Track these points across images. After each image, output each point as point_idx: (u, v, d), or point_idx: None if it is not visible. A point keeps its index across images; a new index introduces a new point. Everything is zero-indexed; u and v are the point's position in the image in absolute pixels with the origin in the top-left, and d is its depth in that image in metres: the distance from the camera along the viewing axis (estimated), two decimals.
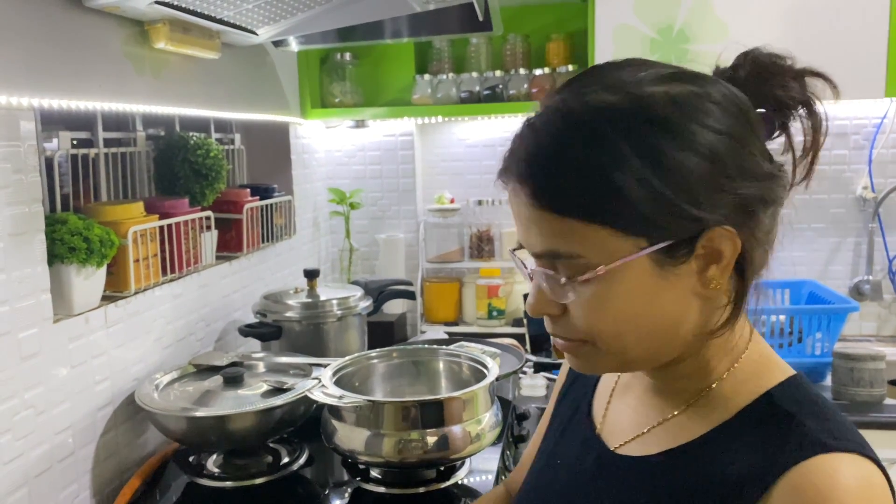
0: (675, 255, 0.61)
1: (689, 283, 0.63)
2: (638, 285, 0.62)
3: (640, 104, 0.61)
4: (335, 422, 1.20)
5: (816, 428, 0.60)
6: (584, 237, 0.61)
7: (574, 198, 0.61)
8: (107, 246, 1.22)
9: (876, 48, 1.88)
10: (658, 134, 0.60)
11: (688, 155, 0.60)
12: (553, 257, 0.63)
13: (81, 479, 1.22)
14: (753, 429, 0.63)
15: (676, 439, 0.67)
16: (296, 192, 2.14)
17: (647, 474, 0.68)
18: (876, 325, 2.29)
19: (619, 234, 0.61)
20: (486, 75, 2.20)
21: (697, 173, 0.60)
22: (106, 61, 1.24)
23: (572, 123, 0.62)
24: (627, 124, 0.60)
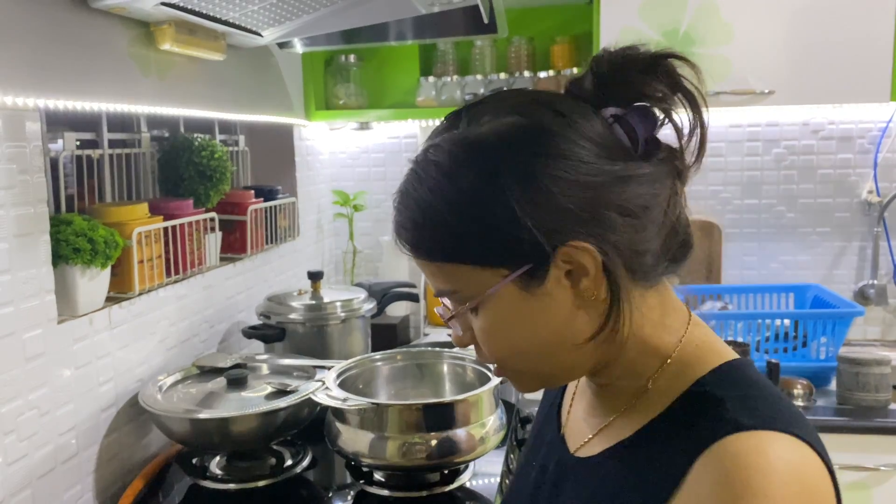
0: (537, 277, 0.64)
1: (568, 298, 0.65)
2: (514, 309, 0.66)
3: (465, 148, 0.65)
4: (339, 424, 1.19)
5: (737, 408, 0.60)
6: (455, 275, 0.66)
7: (433, 245, 0.66)
8: (111, 247, 1.22)
9: (881, 52, 1.88)
10: (480, 173, 0.63)
11: (510, 187, 0.62)
12: (441, 295, 0.69)
13: (85, 480, 1.22)
14: (681, 418, 0.63)
15: (617, 438, 0.68)
16: (300, 194, 2.14)
17: (593, 474, 0.69)
18: (881, 329, 2.28)
19: (479, 268, 0.65)
20: (490, 78, 2.20)
21: (524, 202, 0.62)
22: (111, 62, 1.25)
23: (418, 178, 0.66)
24: (455, 170, 0.64)
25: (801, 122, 2.25)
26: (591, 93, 0.67)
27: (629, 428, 0.67)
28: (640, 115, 0.66)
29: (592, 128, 0.64)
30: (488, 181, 0.63)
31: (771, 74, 1.91)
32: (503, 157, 0.63)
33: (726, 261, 2.32)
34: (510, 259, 0.64)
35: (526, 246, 0.63)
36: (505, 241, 0.63)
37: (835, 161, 2.26)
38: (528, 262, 0.63)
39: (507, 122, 0.64)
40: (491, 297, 0.65)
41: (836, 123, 2.24)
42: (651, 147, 0.66)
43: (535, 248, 0.63)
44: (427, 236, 0.66)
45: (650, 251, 0.66)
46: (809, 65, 1.92)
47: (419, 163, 0.67)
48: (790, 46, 1.92)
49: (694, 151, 0.67)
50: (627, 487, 0.64)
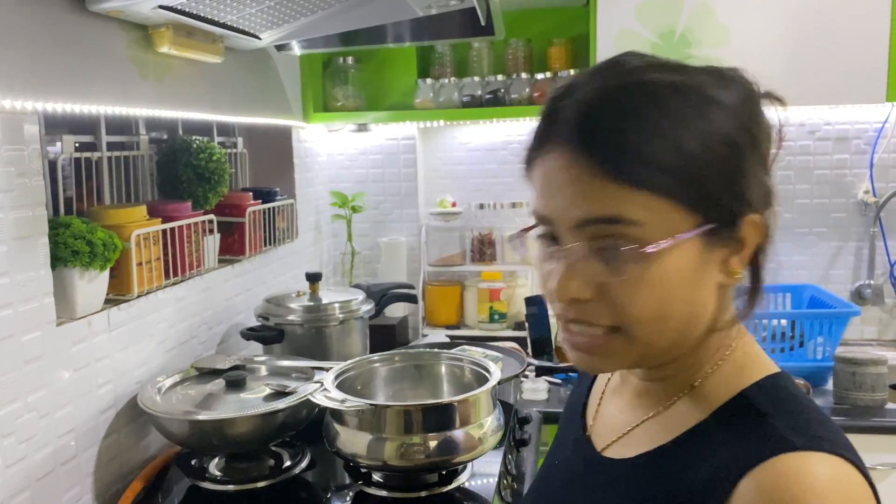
0: (719, 238, 0.61)
1: (715, 272, 0.62)
2: (685, 267, 0.60)
3: (693, 82, 0.61)
4: (337, 425, 1.20)
5: (785, 426, 0.59)
6: (646, 207, 0.59)
7: (641, 164, 0.58)
8: (110, 249, 1.22)
9: (877, 53, 1.89)
10: (719, 111, 0.60)
11: (746, 139, 0.61)
12: (610, 223, 0.59)
13: (84, 482, 1.22)
14: (725, 429, 0.62)
15: (653, 441, 0.67)
16: (298, 196, 2.14)
17: (626, 477, 0.67)
18: (877, 329, 2.29)
19: (681, 208, 0.59)
20: (488, 79, 2.21)
21: (751, 157, 0.61)
22: (110, 65, 1.25)
23: (636, 92, 0.60)
24: (691, 97, 0.60)
25: (798, 122, 2.26)
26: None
27: (669, 431, 0.66)
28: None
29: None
30: (726, 120, 0.60)
31: (767, 76, 1.91)
32: (748, 112, 0.62)
33: None
34: (710, 209, 0.60)
35: (734, 200, 0.60)
36: (723, 187, 0.60)
37: (831, 161, 2.26)
38: (721, 220, 0.60)
39: (741, 86, 0.63)
40: (675, 246, 0.59)
41: (833, 124, 2.25)
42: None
43: (731, 207, 0.60)
44: (640, 154, 0.58)
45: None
46: (805, 66, 1.92)
47: (635, 75, 0.61)
48: (786, 48, 1.93)
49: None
50: (668, 496, 0.62)
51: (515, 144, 2.44)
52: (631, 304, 0.60)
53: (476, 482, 1.28)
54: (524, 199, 2.41)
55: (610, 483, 0.69)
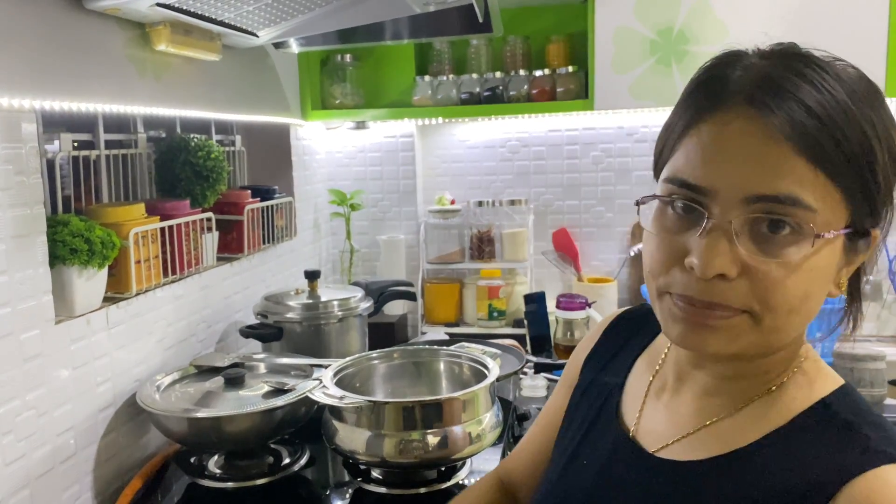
0: (854, 245, 0.62)
1: (834, 279, 0.62)
2: (828, 265, 0.60)
3: (862, 78, 0.62)
4: (336, 422, 1.20)
5: (877, 438, 0.59)
6: (825, 196, 0.58)
7: (832, 148, 0.57)
8: (108, 247, 1.22)
9: (875, 49, 1.89)
10: (885, 114, 0.61)
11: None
12: (787, 203, 0.57)
13: (83, 479, 1.22)
14: (811, 436, 0.62)
15: (726, 444, 0.65)
16: (297, 194, 2.14)
17: (693, 480, 0.65)
18: (876, 325, 2.29)
19: (847, 204, 0.59)
20: (486, 76, 2.21)
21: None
22: (107, 63, 1.25)
23: (845, 85, 0.59)
24: (874, 94, 0.61)
25: None
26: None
27: (742, 435, 0.65)
28: None
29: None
30: (889, 134, 0.60)
31: None
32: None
33: None
34: (862, 214, 0.60)
35: (877, 210, 0.61)
36: (878, 196, 0.60)
37: None
38: (864, 224, 0.61)
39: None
40: (832, 240, 0.59)
41: None
42: None
43: (873, 217, 0.61)
44: (838, 141, 0.57)
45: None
46: None
47: (841, 76, 0.60)
48: None
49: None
50: (753, 498, 0.61)
51: (514, 142, 2.44)
52: (777, 290, 0.59)
53: (475, 479, 1.28)
54: (523, 197, 2.41)
55: (671, 486, 0.67)
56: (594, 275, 2.42)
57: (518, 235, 2.38)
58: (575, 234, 2.42)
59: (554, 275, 2.46)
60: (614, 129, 2.36)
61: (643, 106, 1.99)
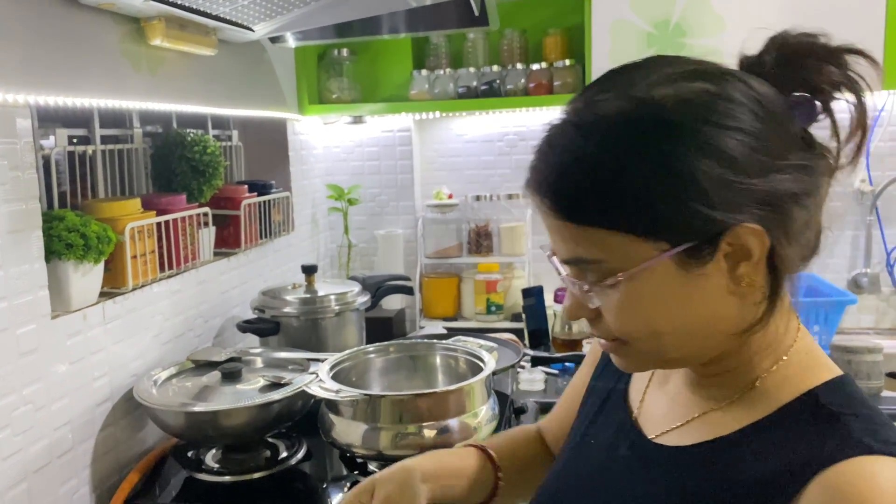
0: (698, 256, 0.61)
1: (722, 282, 0.62)
2: (664, 287, 0.62)
3: (648, 109, 0.60)
4: (332, 416, 1.20)
5: (859, 429, 0.59)
6: (605, 244, 0.62)
7: (591, 207, 0.61)
8: (104, 242, 1.23)
9: (873, 40, 1.88)
10: (668, 138, 0.59)
11: (700, 158, 0.59)
12: (578, 263, 0.65)
13: (80, 474, 1.23)
14: (795, 426, 0.62)
15: (715, 432, 0.67)
16: (294, 189, 2.14)
17: (685, 464, 0.67)
18: (874, 317, 2.29)
19: (639, 239, 0.61)
20: (483, 70, 2.20)
21: (712, 175, 0.59)
22: (102, 58, 1.25)
23: (584, 134, 0.62)
24: (637, 131, 0.60)
25: None
26: (769, 73, 0.64)
27: (731, 423, 0.66)
28: (805, 105, 0.64)
29: (776, 108, 0.62)
30: (675, 146, 0.59)
31: None
32: (693, 123, 0.59)
33: None
34: (676, 233, 0.60)
35: (697, 221, 0.59)
36: (678, 212, 0.59)
37: None
38: (694, 238, 0.60)
39: (696, 87, 0.61)
40: (642, 272, 0.61)
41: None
42: (809, 139, 0.65)
43: (707, 225, 0.59)
44: (584, 197, 0.61)
45: (803, 243, 0.64)
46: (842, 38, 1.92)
47: (582, 116, 0.62)
48: None
49: (850, 154, 0.65)
50: (731, 484, 0.62)
51: (511, 136, 2.44)
52: (618, 325, 0.65)
53: None
54: (520, 191, 2.40)
55: (665, 470, 0.69)
56: None
57: (516, 230, 2.38)
58: None
59: (552, 269, 2.44)
60: None
61: None
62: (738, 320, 0.64)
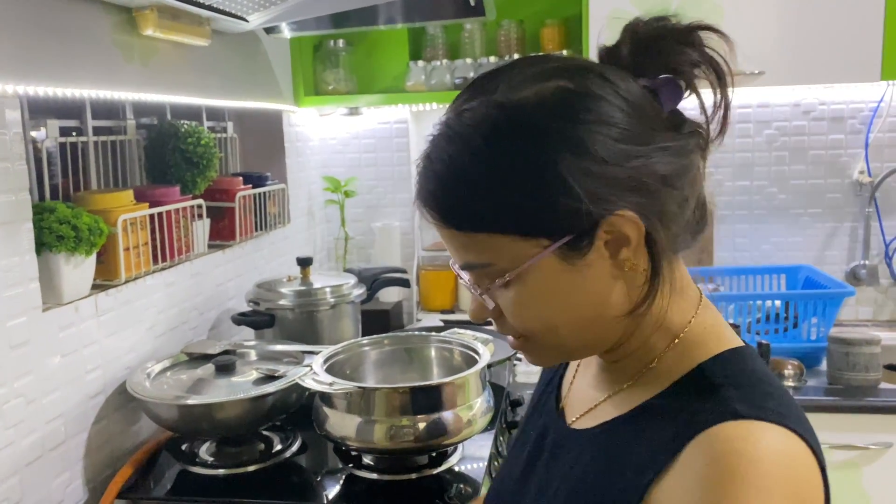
0: (578, 248, 0.62)
1: (606, 269, 0.64)
2: (552, 281, 0.64)
3: (508, 113, 0.62)
4: (326, 409, 1.20)
5: (734, 397, 0.60)
6: (489, 247, 0.64)
7: (469, 214, 0.63)
8: (95, 234, 1.22)
9: (871, 31, 1.87)
10: (528, 140, 0.61)
11: (560, 154, 0.60)
12: (471, 269, 0.66)
13: (74, 467, 1.22)
14: (680, 399, 0.64)
15: (616, 412, 0.69)
16: (290, 181, 2.13)
17: (587, 446, 0.70)
18: (872, 309, 2.29)
19: (520, 238, 0.63)
20: (480, 61, 2.19)
21: (575, 170, 0.60)
22: (93, 49, 1.24)
23: (455, 144, 0.63)
24: (500, 136, 0.62)
25: (792, 102, 2.25)
26: (627, 61, 0.66)
27: (629, 403, 0.68)
28: (668, 86, 0.66)
29: (635, 96, 0.64)
30: (535, 147, 0.61)
31: (761, 55, 1.90)
32: (551, 122, 0.61)
33: (718, 243, 2.32)
34: (553, 229, 0.62)
35: (571, 215, 0.61)
36: (550, 209, 0.61)
37: (826, 142, 2.25)
38: (571, 232, 0.62)
39: (553, 86, 0.62)
40: (529, 270, 0.63)
41: (827, 104, 2.23)
42: (678, 119, 0.66)
43: (580, 218, 0.61)
44: (462, 205, 0.63)
45: (681, 223, 0.66)
46: (799, 45, 1.91)
47: (452, 126, 0.64)
48: (780, 27, 1.91)
49: (717, 127, 0.67)
50: (619, 461, 0.64)
51: None
52: (517, 322, 0.67)
53: (466, 465, 1.28)
54: None
55: (575, 452, 0.72)
56: None
57: None
58: None
59: None
60: None
61: None
62: (626, 304, 0.66)
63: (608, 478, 0.64)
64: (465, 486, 1.23)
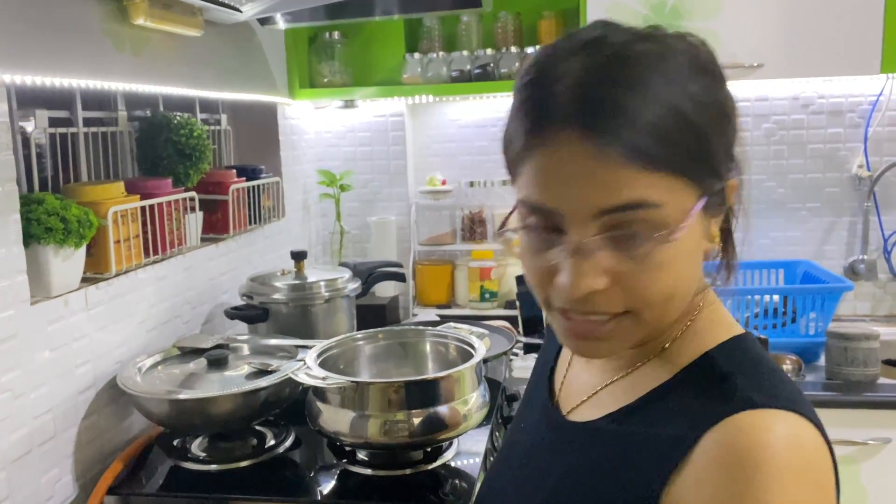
0: (713, 207, 0.61)
1: (703, 236, 0.62)
2: (692, 243, 0.60)
3: (704, 55, 0.61)
4: (320, 404, 1.18)
5: (746, 385, 0.60)
6: (664, 187, 0.57)
7: (654, 142, 0.56)
8: (85, 226, 1.20)
9: (871, 23, 1.85)
10: (722, 83, 0.61)
11: (726, 100, 0.61)
12: (632, 209, 0.57)
13: (63, 463, 1.20)
14: (688, 388, 0.63)
15: (618, 402, 0.67)
16: (284, 174, 2.11)
17: (590, 439, 0.68)
18: (871, 304, 2.28)
19: (690, 183, 0.58)
20: (477, 54, 2.17)
21: (733, 118, 0.61)
22: (83, 37, 1.21)
23: (631, 65, 0.57)
24: (702, 70, 0.60)
25: (791, 96, 2.23)
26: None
27: (632, 392, 0.67)
28: None
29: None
30: (719, 88, 0.60)
31: (759, 48, 1.88)
32: (723, 75, 0.61)
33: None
34: (709, 180, 0.60)
35: (721, 169, 0.61)
36: (718, 159, 0.60)
37: (825, 136, 2.23)
38: (715, 188, 0.60)
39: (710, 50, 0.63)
40: (686, 224, 0.58)
41: (826, 97, 2.22)
42: None
43: (722, 175, 0.61)
44: (655, 132, 0.56)
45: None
46: (798, 37, 1.89)
47: (625, 50, 0.57)
48: (778, 19, 1.89)
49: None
50: (633, 453, 0.63)
51: None
52: (648, 288, 0.59)
53: (462, 460, 1.26)
54: None
55: (575, 446, 0.70)
56: None
57: None
58: None
59: None
60: None
61: None
62: (698, 281, 0.65)
63: (623, 471, 0.62)
64: (461, 481, 1.21)
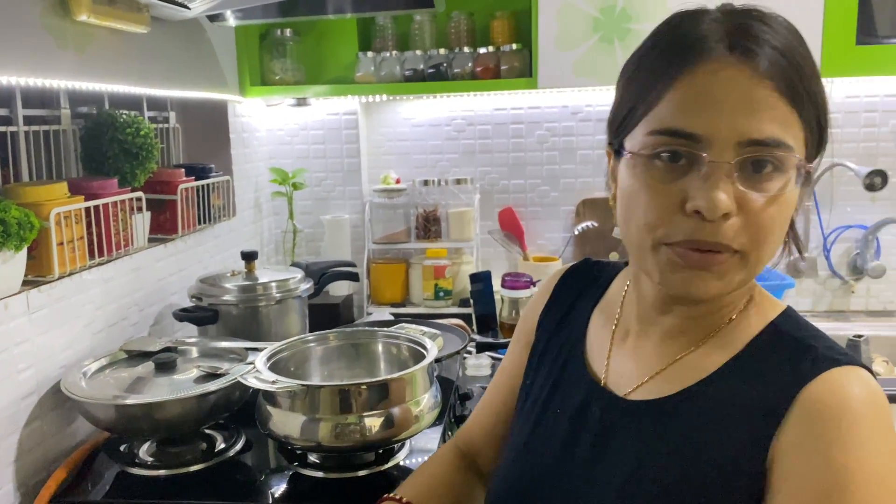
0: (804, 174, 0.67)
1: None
2: (796, 194, 0.67)
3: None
4: (269, 407, 1.17)
5: (823, 346, 0.66)
6: (797, 133, 0.65)
7: (804, 92, 0.64)
8: (25, 229, 1.16)
9: (811, 28, 1.91)
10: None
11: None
12: (775, 146, 0.63)
13: (4, 471, 1.17)
14: (766, 355, 0.68)
15: (692, 376, 0.70)
16: (235, 172, 2.08)
17: (665, 414, 0.70)
18: (812, 300, 2.35)
19: (810, 142, 0.66)
20: (430, 53, 2.17)
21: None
22: (21, 32, 1.18)
23: (787, 29, 0.67)
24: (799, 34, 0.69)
25: None
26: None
27: (702, 367, 0.70)
28: None
29: None
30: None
31: None
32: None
33: None
34: (814, 153, 0.68)
35: (821, 149, 0.69)
36: (825, 139, 0.68)
37: None
38: (813, 160, 0.67)
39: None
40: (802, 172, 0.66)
41: None
42: None
43: (819, 154, 0.69)
44: (809, 85, 0.65)
45: None
46: None
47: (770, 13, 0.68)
48: None
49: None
50: (726, 420, 0.66)
51: (459, 120, 2.42)
52: (767, 227, 0.64)
53: (415, 459, 1.27)
54: (468, 176, 2.39)
55: (645, 425, 0.71)
56: (540, 254, 2.43)
57: (464, 215, 2.37)
58: (521, 214, 2.41)
59: (500, 254, 2.46)
60: (559, 109, 2.35)
61: (586, 84, 1.98)
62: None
63: (721, 437, 0.65)
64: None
